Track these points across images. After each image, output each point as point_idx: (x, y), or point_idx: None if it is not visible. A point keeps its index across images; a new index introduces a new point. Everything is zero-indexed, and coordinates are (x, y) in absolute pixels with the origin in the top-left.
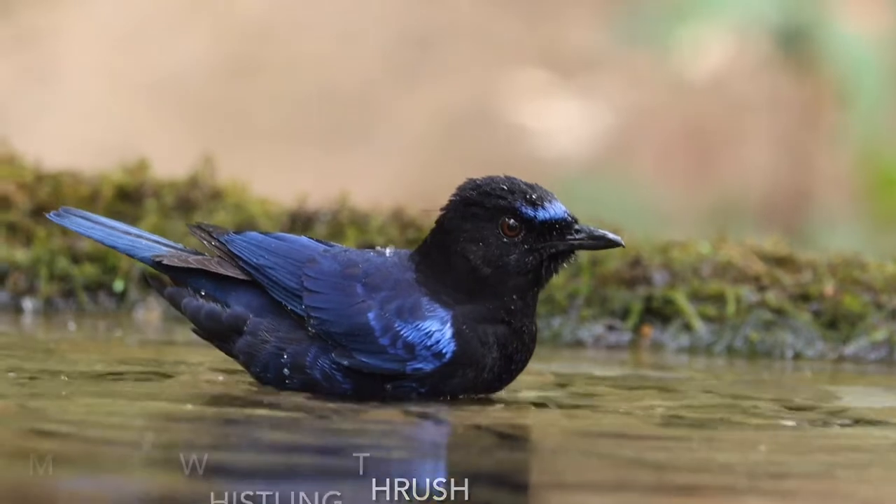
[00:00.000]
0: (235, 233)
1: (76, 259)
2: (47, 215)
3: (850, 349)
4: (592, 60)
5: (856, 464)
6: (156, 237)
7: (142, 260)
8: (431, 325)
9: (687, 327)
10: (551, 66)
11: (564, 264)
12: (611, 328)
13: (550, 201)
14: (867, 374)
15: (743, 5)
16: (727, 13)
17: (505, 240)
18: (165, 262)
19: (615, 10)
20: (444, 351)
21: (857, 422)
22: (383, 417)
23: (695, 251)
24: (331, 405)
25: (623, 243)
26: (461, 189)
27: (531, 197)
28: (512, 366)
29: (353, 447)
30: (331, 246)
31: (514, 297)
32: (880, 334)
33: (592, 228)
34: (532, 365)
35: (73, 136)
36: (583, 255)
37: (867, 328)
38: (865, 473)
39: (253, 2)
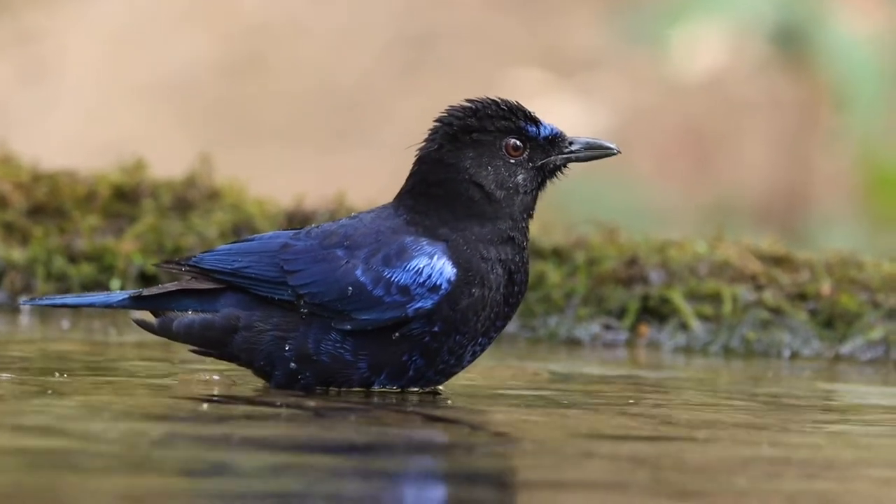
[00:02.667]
0: (202, 252)
1: (73, 258)
2: (20, 302)
3: (846, 348)
4: (591, 60)
5: (856, 463)
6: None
7: (120, 304)
8: (419, 263)
9: (683, 326)
10: (550, 65)
11: (559, 175)
12: (607, 327)
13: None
14: (863, 373)
15: (740, 6)
16: (725, 14)
17: (512, 161)
18: (145, 293)
19: (614, 10)
20: (438, 283)
21: (856, 421)
22: (381, 417)
23: (692, 250)
24: (328, 404)
25: (619, 150)
26: (454, 119)
27: (530, 114)
28: (515, 287)
29: (351, 446)
30: (299, 230)
31: (524, 215)
32: (876, 333)
33: (584, 138)
34: (529, 364)
35: (71, 136)
36: (580, 256)
37: (863, 327)
38: (866, 473)
39: (252, 2)
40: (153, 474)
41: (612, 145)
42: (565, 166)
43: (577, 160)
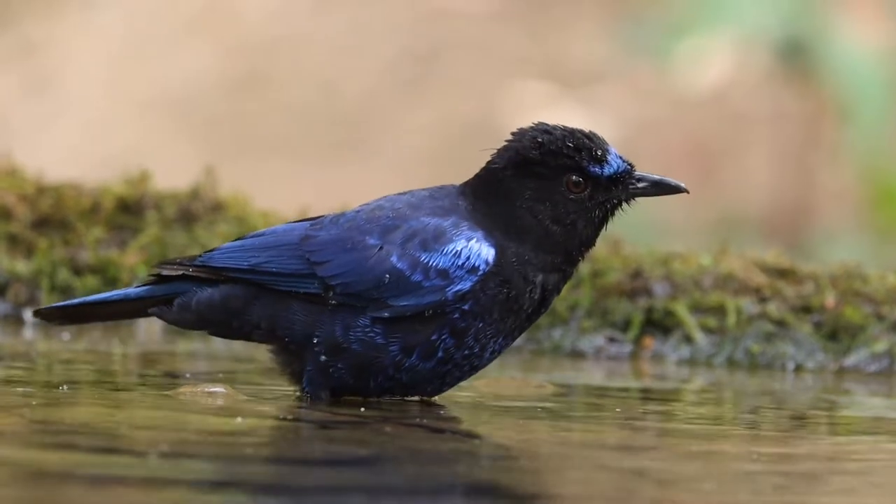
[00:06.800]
0: (207, 251)
1: (77, 270)
2: (33, 312)
3: (850, 360)
4: (595, 73)
5: (859, 475)
6: None
7: (138, 294)
8: (458, 245)
9: (688, 339)
10: (555, 78)
11: (622, 209)
12: (612, 340)
13: (609, 153)
14: (868, 386)
15: (744, 19)
16: (729, 27)
17: (571, 196)
18: (165, 272)
19: (618, 23)
20: (476, 264)
21: (859, 433)
22: (386, 429)
23: (696, 263)
24: (333, 416)
25: (687, 189)
26: (521, 146)
27: (596, 153)
28: (542, 307)
29: (356, 459)
30: (315, 219)
31: (581, 249)
32: (881, 346)
33: (652, 175)
34: (533, 376)
35: (74, 148)
36: (584, 268)
37: (868, 340)
38: (869, 485)
39: (256, 15)
40: (160, 489)
41: (680, 183)
42: (633, 200)
43: (644, 195)
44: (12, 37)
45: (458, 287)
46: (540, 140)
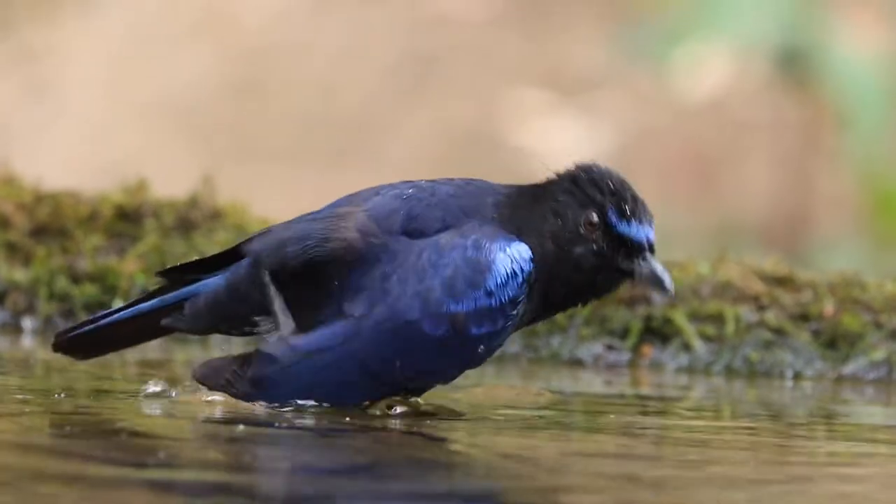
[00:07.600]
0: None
1: (76, 278)
2: (52, 347)
3: (849, 369)
4: (594, 80)
5: (856, 483)
6: None
7: (151, 302)
8: (500, 266)
9: (686, 347)
10: (553, 85)
11: (616, 286)
12: (610, 347)
13: (640, 222)
14: (866, 394)
15: (743, 26)
16: (728, 34)
17: (581, 230)
18: (169, 265)
19: (617, 29)
20: (525, 268)
21: (857, 441)
22: (383, 437)
23: (694, 271)
24: (329, 425)
25: (672, 295)
26: (579, 165)
27: (625, 207)
28: (539, 315)
29: (353, 467)
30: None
31: (561, 282)
32: (879, 354)
33: (657, 266)
34: (531, 384)
35: (73, 154)
36: None
37: (866, 348)
38: (866, 493)
39: (255, 21)
40: (158, 497)
41: (671, 290)
42: (627, 278)
43: (638, 276)
44: (12, 42)
45: (523, 299)
46: (594, 169)
